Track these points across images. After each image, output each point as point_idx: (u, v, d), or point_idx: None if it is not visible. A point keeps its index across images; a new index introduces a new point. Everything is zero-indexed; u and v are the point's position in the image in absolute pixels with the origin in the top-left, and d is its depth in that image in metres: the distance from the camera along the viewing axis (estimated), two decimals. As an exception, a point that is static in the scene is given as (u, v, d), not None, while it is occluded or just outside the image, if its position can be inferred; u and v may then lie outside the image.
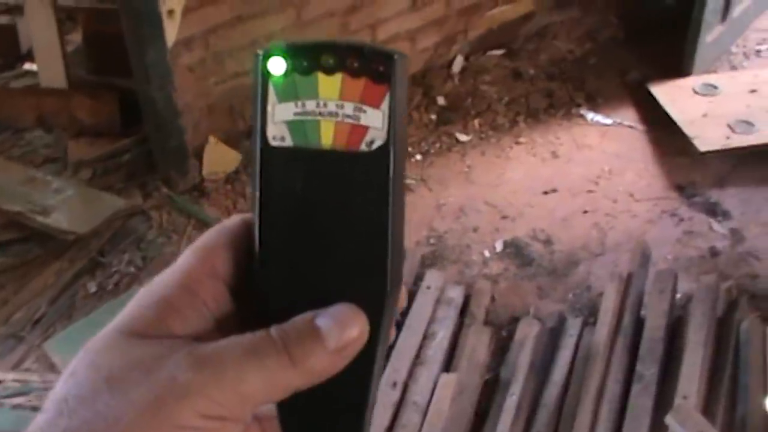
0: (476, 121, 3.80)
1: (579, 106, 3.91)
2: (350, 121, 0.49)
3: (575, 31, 4.39)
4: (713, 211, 3.27)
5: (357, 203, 0.50)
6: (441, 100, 3.87)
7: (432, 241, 3.13)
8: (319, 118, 0.49)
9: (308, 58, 0.49)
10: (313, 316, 0.49)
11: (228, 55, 3.32)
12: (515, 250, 3.11)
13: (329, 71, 0.49)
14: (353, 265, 0.51)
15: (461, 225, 3.23)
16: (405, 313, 2.66)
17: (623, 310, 2.58)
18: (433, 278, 2.81)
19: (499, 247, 3.12)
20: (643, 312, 2.62)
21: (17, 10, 4.38)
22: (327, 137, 0.50)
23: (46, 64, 3.79)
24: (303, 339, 0.47)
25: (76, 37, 4.18)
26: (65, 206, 3.28)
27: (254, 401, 0.47)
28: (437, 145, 3.64)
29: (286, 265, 0.51)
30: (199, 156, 3.40)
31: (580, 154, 3.62)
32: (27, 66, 4.25)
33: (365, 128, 0.49)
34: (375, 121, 0.49)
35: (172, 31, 3.10)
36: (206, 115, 3.37)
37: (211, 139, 3.40)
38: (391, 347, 2.54)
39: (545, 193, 3.40)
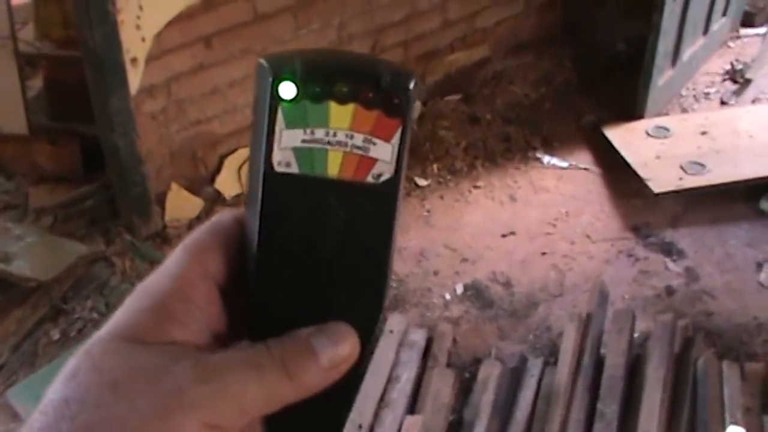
0: (435, 166, 3.85)
1: (535, 149, 3.98)
2: (359, 152, 0.49)
3: (530, 75, 4.47)
4: (668, 250, 3.34)
5: (359, 232, 0.51)
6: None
7: (393, 284, 3.16)
8: (327, 147, 0.49)
9: (321, 85, 0.48)
10: (309, 333, 0.50)
11: (190, 103, 3.35)
12: (475, 293, 3.15)
13: (342, 101, 0.48)
14: (350, 288, 0.52)
15: (422, 268, 3.27)
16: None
17: (583, 349, 2.62)
18: (395, 322, 2.84)
19: (459, 289, 3.16)
20: (602, 351, 2.67)
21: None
22: (334, 167, 0.49)
23: (7, 110, 3.78)
24: (300, 355, 0.49)
25: (35, 83, 4.17)
26: (27, 253, 3.27)
27: (252, 412, 0.48)
28: (397, 189, 3.67)
29: (284, 283, 0.51)
30: (161, 203, 3.41)
31: (537, 197, 3.69)
32: (-14, 113, 4.23)
33: (374, 161, 0.49)
34: (384, 154, 0.49)
35: (135, 79, 3.13)
36: (168, 162, 3.39)
37: (174, 186, 3.42)
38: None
39: (504, 236, 3.45)
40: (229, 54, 3.37)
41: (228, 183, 3.55)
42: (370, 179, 0.49)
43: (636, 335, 2.75)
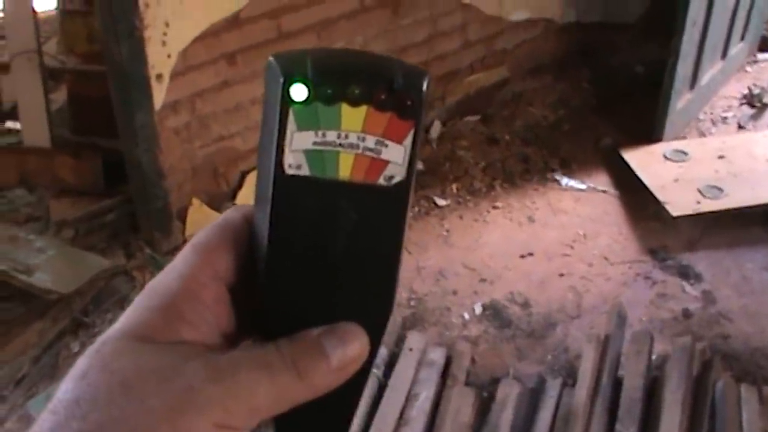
0: (454, 186, 3.87)
1: (554, 171, 4.00)
2: (371, 154, 0.48)
3: (549, 97, 4.50)
4: (685, 273, 3.35)
5: (370, 234, 0.50)
6: (419, 165, 3.93)
7: (413, 303, 3.18)
8: (339, 149, 0.48)
9: (333, 87, 0.47)
10: (319, 333, 0.50)
11: (213, 119, 3.38)
12: (494, 313, 3.16)
13: (354, 103, 0.47)
14: (360, 290, 0.52)
15: (441, 287, 3.29)
16: (388, 374, 2.70)
17: (601, 370, 2.63)
18: (415, 340, 2.85)
19: (478, 309, 3.17)
20: (620, 372, 2.68)
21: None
22: (345, 169, 0.49)
23: (31, 123, 3.82)
24: (310, 355, 0.49)
25: (57, 96, 4.21)
26: (49, 265, 3.28)
27: (262, 412, 0.48)
28: (416, 209, 3.70)
29: (294, 284, 0.51)
30: (182, 218, 3.44)
31: (555, 218, 3.70)
32: (9, 124, 4.27)
33: (385, 163, 0.49)
34: (396, 156, 0.49)
35: (159, 95, 3.16)
36: (190, 177, 3.41)
37: (195, 202, 3.44)
38: (375, 407, 2.58)
39: (522, 256, 3.47)
40: (253, 71, 3.41)
41: (248, 199, 3.53)
42: (381, 181, 0.49)
43: (653, 357, 2.75)
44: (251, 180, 3.57)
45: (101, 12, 3.08)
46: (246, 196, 3.56)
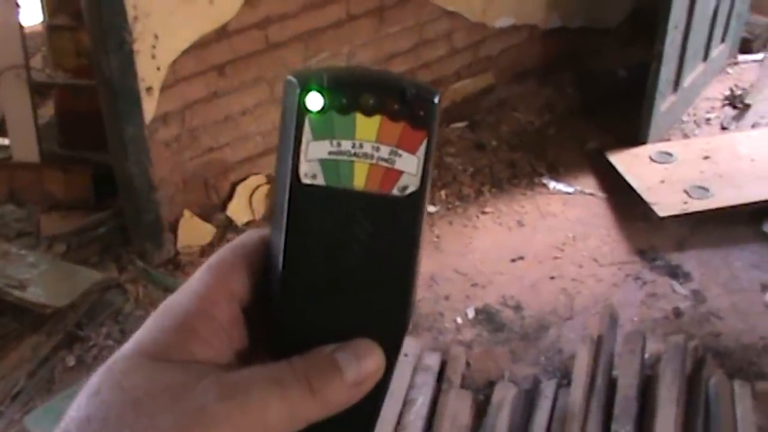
0: (443, 192, 3.88)
1: (541, 175, 4.02)
2: (385, 164, 0.49)
3: (534, 102, 4.52)
4: (674, 273, 3.38)
5: (384, 245, 0.50)
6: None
7: (406, 308, 3.19)
8: (353, 159, 0.49)
9: (348, 97, 0.48)
10: (333, 349, 0.50)
11: (203, 131, 3.39)
12: (487, 317, 3.18)
13: (368, 112, 0.48)
14: (374, 303, 0.51)
15: (433, 293, 3.31)
16: (384, 380, 2.71)
17: (595, 371, 2.65)
18: (409, 346, 2.87)
19: (471, 313, 3.20)
20: (614, 372, 2.70)
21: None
22: (360, 179, 0.49)
23: (19, 138, 3.82)
24: (323, 371, 0.48)
25: (44, 111, 4.21)
26: (41, 280, 3.28)
27: (275, 431, 0.47)
28: (406, 215, 3.71)
29: (308, 298, 0.51)
30: (173, 230, 3.45)
31: (544, 222, 3.73)
32: (-3, 140, 4.26)
33: (399, 173, 0.49)
34: (410, 166, 0.49)
35: (150, 108, 3.17)
36: (181, 189, 3.42)
37: (186, 213, 3.45)
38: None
39: (513, 260, 3.49)
40: (242, 82, 3.42)
41: (239, 210, 3.59)
42: (395, 192, 0.49)
43: (646, 357, 2.78)
44: (242, 191, 3.59)
45: (91, 26, 3.09)
46: (237, 207, 3.58)
